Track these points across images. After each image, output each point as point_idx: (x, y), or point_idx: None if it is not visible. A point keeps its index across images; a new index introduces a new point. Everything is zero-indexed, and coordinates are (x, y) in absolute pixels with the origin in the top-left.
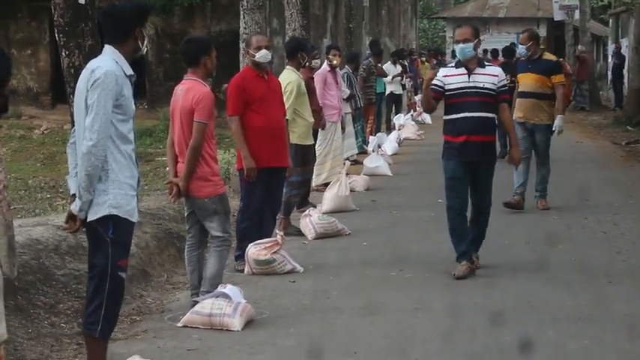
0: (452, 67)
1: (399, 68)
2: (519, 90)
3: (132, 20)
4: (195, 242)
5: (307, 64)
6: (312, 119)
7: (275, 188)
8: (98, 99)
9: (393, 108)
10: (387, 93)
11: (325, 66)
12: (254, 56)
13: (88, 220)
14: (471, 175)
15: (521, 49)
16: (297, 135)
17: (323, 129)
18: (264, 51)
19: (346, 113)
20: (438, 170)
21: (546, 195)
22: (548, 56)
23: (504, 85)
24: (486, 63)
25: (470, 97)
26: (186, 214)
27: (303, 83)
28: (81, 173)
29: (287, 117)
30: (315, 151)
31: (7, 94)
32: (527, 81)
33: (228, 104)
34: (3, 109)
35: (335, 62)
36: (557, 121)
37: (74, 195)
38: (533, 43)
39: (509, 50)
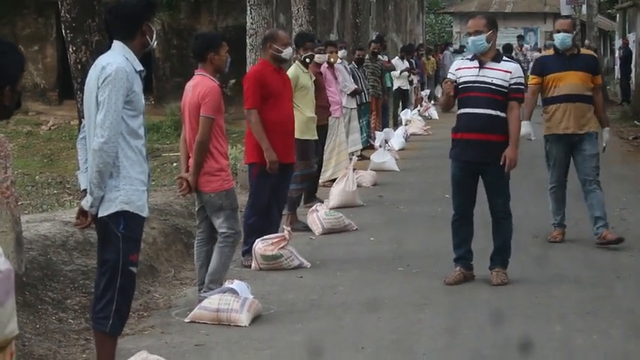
0: (467, 59)
1: (407, 64)
2: (557, 94)
3: (139, 15)
4: (205, 238)
5: (307, 59)
6: (311, 114)
7: (282, 184)
8: (109, 96)
9: (400, 103)
10: (394, 88)
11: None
12: (280, 52)
13: (99, 215)
14: (480, 177)
15: (563, 39)
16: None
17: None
18: (289, 49)
19: (351, 109)
20: (445, 165)
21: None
22: (586, 51)
23: (519, 83)
24: (505, 58)
25: (476, 92)
26: (196, 209)
27: (304, 77)
28: (92, 170)
29: None
30: (317, 147)
31: (19, 90)
32: (570, 81)
33: (247, 97)
34: (17, 105)
35: (332, 60)
36: (607, 135)
37: (85, 190)
38: (577, 33)
39: (507, 48)
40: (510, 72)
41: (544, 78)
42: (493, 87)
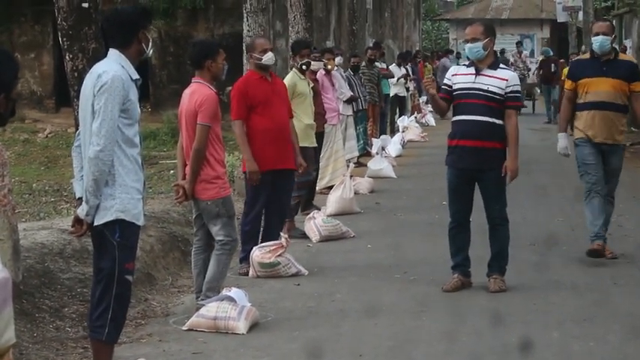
0: (464, 65)
1: (404, 71)
2: (586, 100)
3: (135, 23)
4: (202, 245)
5: (304, 66)
6: (310, 121)
7: (282, 191)
8: (105, 104)
9: (397, 110)
10: (391, 95)
11: (321, 70)
12: (260, 59)
13: (95, 224)
14: (477, 184)
15: (602, 42)
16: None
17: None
18: (270, 54)
19: (348, 115)
20: (442, 172)
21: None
22: (625, 57)
23: (516, 92)
24: (502, 66)
25: (471, 99)
26: (193, 217)
27: (302, 84)
28: (88, 178)
29: None
30: (315, 154)
31: (14, 98)
32: (601, 88)
33: (232, 108)
34: (11, 113)
35: (329, 66)
36: None
37: (80, 198)
38: (616, 37)
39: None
40: (507, 80)
41: (577, 83)
42: (489, 94)
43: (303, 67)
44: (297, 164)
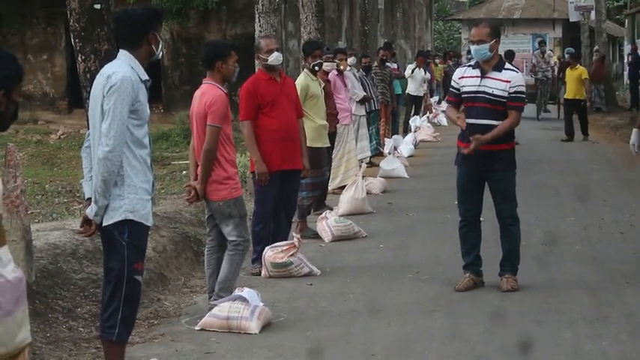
0: (470, 66)
1: (428, 76)
2: None
3: (145, 25)
4: (215, 245)
5: (316, 67)
6: (323, 122)
7: (289, 191)
8: (114, 105)
9: (413, 109)
10: (406, 92)
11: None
12: (266, 60)
13: (104, 224)
14: (487, 184)
15: None
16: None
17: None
18: (275, 54)
19: (361, 116)
20: (453, 172)
21: None
22: None
23: (519, 92)
24: (507, 66)
25: (477, 102)
26: (206, 217)
27: (314, 85)
28: (97, 179)
29: None
30: (329, 154)
31: (16, 100)
32: None
33: (240, 109)
34: (13, 116)
35: (342, 67)
36: None
37: (89, 199)
38: None
39: (509, 54)
40: (509, 81)
41: None
42: (493, 98)
43: (316, 68)
44: (303, 166)
